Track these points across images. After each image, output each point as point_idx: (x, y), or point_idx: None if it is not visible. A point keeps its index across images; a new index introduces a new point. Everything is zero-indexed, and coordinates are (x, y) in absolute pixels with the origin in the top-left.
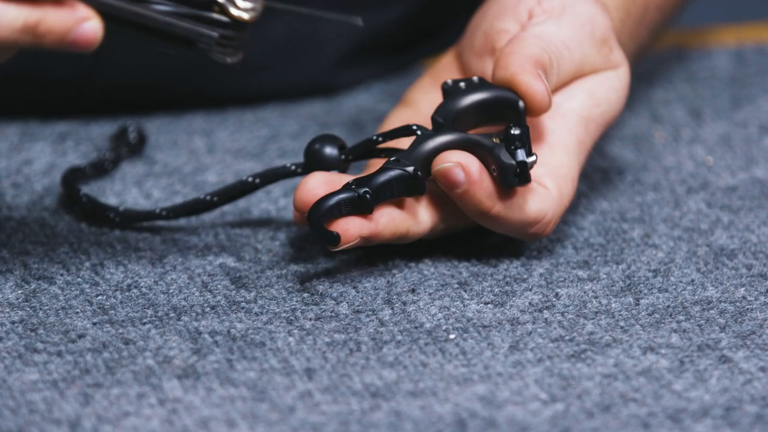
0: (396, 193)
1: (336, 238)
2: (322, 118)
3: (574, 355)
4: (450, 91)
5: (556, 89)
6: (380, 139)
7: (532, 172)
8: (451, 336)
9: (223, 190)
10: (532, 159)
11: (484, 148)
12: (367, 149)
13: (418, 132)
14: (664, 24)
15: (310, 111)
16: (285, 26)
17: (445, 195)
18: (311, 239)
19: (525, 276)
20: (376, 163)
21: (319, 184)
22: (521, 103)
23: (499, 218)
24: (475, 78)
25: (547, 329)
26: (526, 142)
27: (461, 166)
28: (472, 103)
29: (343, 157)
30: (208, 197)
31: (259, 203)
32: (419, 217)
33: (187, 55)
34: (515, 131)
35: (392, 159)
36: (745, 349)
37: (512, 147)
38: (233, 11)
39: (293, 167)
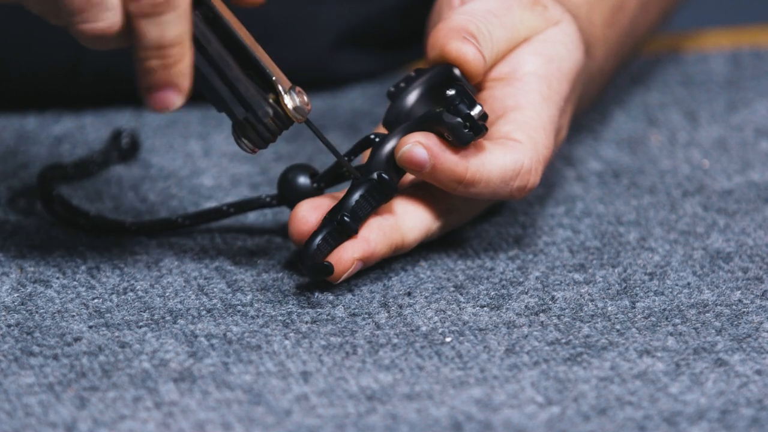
0: (372, 204)
1: (329, 267)
2: (317, 121)
3: (570, 358)
4: (394, 95)
5: (497, 58)
6: (347, 158)
7: (500, 131)
8: (447, 339)
9: (196, 214)
10: (477, 109)
11: (432, 120)
12: (337, 172)
13: (376, 140)
14: (653, 20)
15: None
16: (280, 8)
17: (429, 193)
18: (311, 280)
19: (521, 279)
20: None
21: (308, 211)
22: (456, 70)
23: (477, 180)
24: (412, 72)
25: (543, 332)
26: (464, 96)
27: (419, 143)
28: (417, 94)
29: (315, 185)
30: (179, 219)
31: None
32: (409, 220)
33: (227, 118)
34: (450, 92)
35: (353, 177)
36: (741, 353)
37: (451, 106)
38: (288, 105)
39: (267, 198)
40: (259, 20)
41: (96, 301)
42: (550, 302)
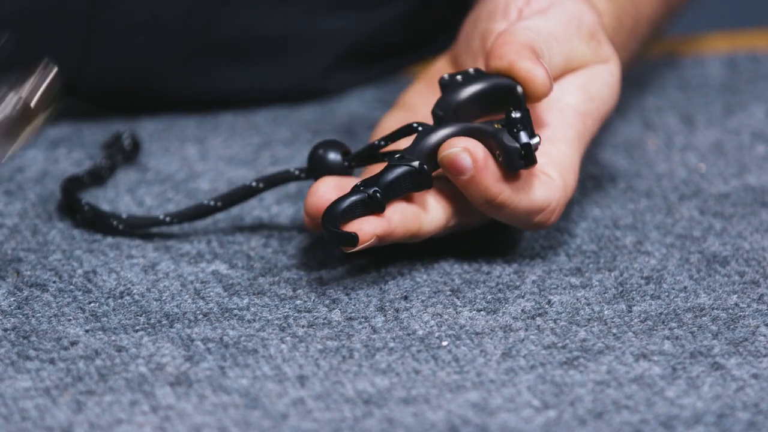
0: (404, 189)
1: (354, 238)
2: (314, 125)
3: (566, 362)
4: (447, 85)
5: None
6: (383, 143)
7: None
8: (444, 343)
9: (227, 195)
10: (535, 140)
11: (487, 134)
12: (371, 154)
13: (419, 129)
14: (653, 36)
15: (303, 118)
16: (279, 22)
17: (454, 190)
18: (328, 242)
19: (517, 283)
20: (375, 168)
21: (329, 189)
22: (519, 89)
23: (506, 205)
24: (471, 69)
25: (539, 336)
26: (527, 124)
27: (468, 151)
28: (471, 94)
29: (346, 163)
30: (212, 202)
31: (252, 210)
32: (431, 213)
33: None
34: (516, 114)
35: (397, 156)
36: (737, 356)
37: (515, 130)
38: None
39: (297, 172)
40: (260, 34)
41: (92, 305)
42: (547, 306)
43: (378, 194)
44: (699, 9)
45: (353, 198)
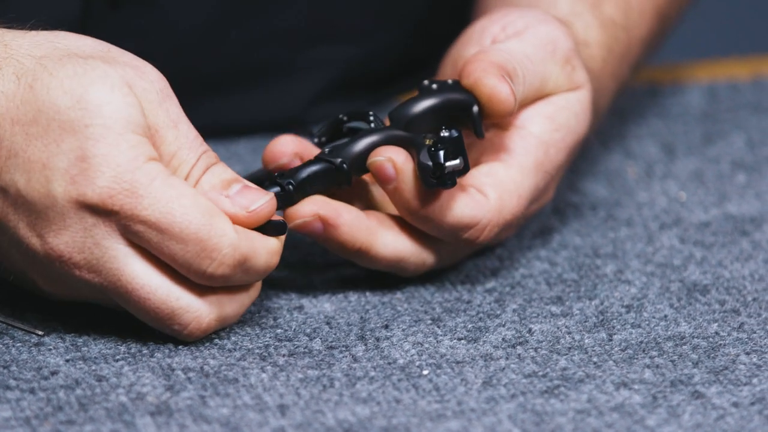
0: (322, 185)
1: (282, 225)
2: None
3: (547, 390)
4: (423, 91)
5: (522, 103)
6: (345, 117)
7: (475, 180)
8: (425, 372)
9: None
10: (454, 163)
11: (412, 146)
12: (337, 128)
13: (371, 120)
14: (647, 56)
15: None
16: (265, 54)
17: (418, 231)
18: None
19: (498, 312)
20: None
21: (288, 142)
22: (475, 108)
23: (429, 219)
24: (449, 80)
25: (520, 365)
26: (451, 145)
27: (392, 161)
28: (425, 108)
29: (316, 140)
30: None
31: None
32: (385, 238)
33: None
34: (445, 133)
35: (327, 151)
36: (717, 385)
37: (433, 149)
38: None
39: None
40: (246, 67)
41: (73, 334)
42: (527, 335)
43: (291, 186)
44: (679, 39)
45: (273, 189)
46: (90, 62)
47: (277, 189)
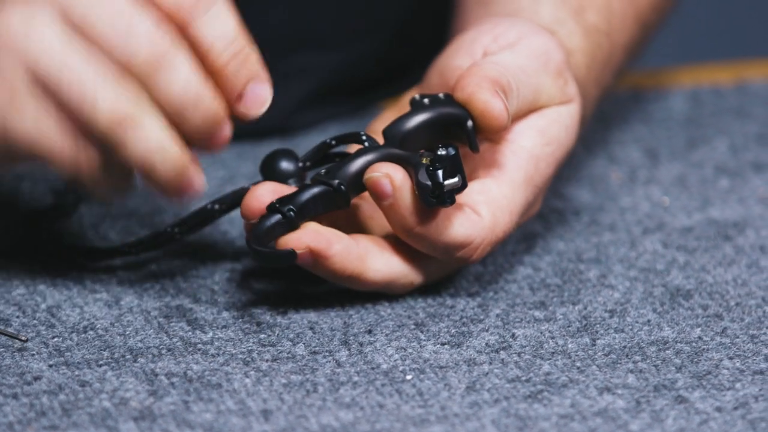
0: (322, 208)
1: (292, 254)
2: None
3: (530, 395)
4: (414, 106)
5: (516, 116)
6: (333, 142)
7: (468, 198)
8: (408, 377)
9: (183, 220)
10: (453, 181)
11: (409, 165)
12: (324, 153)
13: (365, 140)
14: (629, 62)
15: (267, 153)
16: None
17: (409, 248)
18: (261, 262)
19: (481, 317)
20: None
21: (267, 192)
22: (470, 123)
23: (424, 237)
24: (441, 94)
25: (503, 370)
26: (449, 163)
27: (389, 177)
28: (419, 123)
29: (300, 164)
30: (170, 228)
31: (215, 245)
32: (376, 262)
33: None
34: (442, 151)
35: (322, 173)
36: (701, 390)
37: (431, 168)
38: None
39: (250, 185)
40: None
41: (56, 339)
42: (511, 340)
43: (292, 213)
44: (663, 44)
45: (272, 219)
46: None
47: (278, 216)
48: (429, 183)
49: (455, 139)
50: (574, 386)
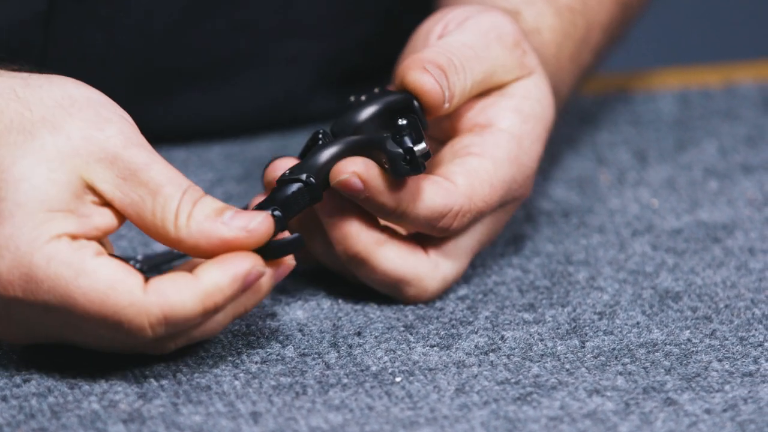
0: (302, 203)
1: (299, 239)
2: (267, 161)
3: (520, 397)
4: (352, 107)
5: (473, 91)
6: (320, 134)
7: (445, 170)
8: (397, 379)
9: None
10: (422, 146)
11: (374, 145)
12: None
13: (320, 138)
14: (610, 44)
15: (256, 154)
16: (237, 46)
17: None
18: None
19: (471, 319)
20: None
21: (284, 164)
22: (416, 102)
23: (406, 214)
24: (376, 89)
25: (492, 372)
26: (413, 129)
27: (357, 174)
28: (369, 115)
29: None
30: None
31: None
32: (389, 253)
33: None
34: (402, 121)
35: (287, 172)
36: (690, 392)
37: (398, 136)
38: None
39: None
40: (217, 59)
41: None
42: (500, 342)
43: (278, 212)
44: (651, 45)
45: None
46: (35, 131)
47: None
48: (400, 150)
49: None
50: (564, 388)
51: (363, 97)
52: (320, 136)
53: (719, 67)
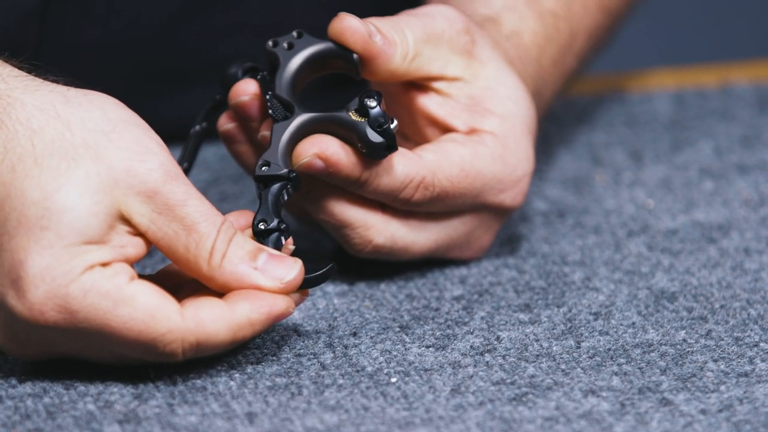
0: (287, 195)
1: (332, 267)
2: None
3: (515, 398)
4: (274, 54)
5: (422, 55)
6: (199, 127)
7: (416, 147)
8: (393, 379)
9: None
10: (394, 125)
11: (346, 126)
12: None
13: (218, 97)
14: (594, 50)
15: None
16: (229, 47)
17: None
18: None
19: (466, 319)
20: None
21: (250, 83)
22: (355, 56)
23: (368, 184)
24: (294, 33)
25: (488, 372)
26: (384, 114)
27: (317, 156)
28: (300, 62)
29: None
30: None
31: None
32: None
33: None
34: (371, 103)
35: (260, 164)
36: (685, 392)
37: (376, 124)
38: None
39: (218, 96)
40: (210, 60)
41: None
42: (495, 342)
43: (282, 222)
44: (647, 45)
45: (274, 235)
46: (77, 157)
47: (276, 234)
48: (382, 140)
49: (333, 70)
50: (559, 389)
51: (285, 44)
52: (219, 97)
53: (715, 68)
